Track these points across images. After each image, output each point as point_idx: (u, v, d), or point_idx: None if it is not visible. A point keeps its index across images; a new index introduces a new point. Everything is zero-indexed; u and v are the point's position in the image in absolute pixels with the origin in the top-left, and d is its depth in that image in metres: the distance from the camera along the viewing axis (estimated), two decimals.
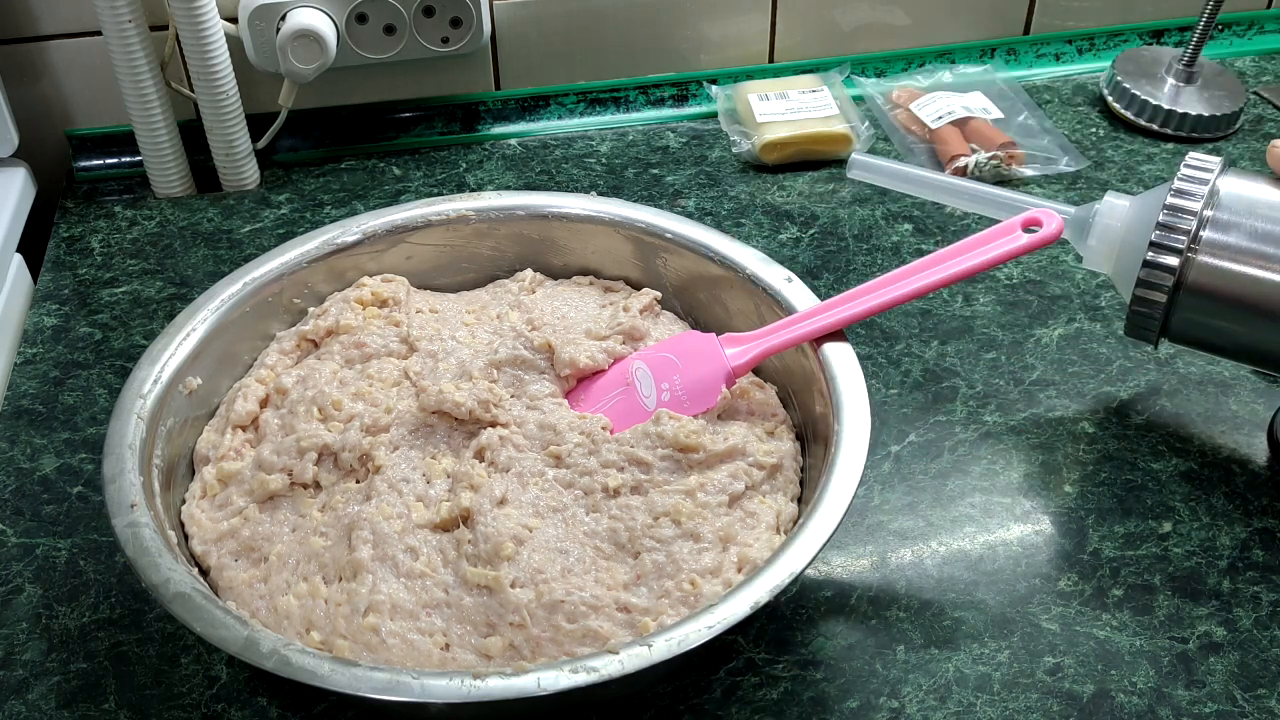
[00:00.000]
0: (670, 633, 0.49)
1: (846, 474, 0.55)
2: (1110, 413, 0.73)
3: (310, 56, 0.87)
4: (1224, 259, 0.63)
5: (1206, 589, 0.62)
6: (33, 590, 0.63)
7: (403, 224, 0.72)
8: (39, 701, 0.58)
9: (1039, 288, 0.82)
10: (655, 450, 0.60)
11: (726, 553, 0.57)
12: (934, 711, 0.57)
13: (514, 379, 0.65)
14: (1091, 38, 1.06)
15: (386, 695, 0.48)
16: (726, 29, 1.00)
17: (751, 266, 0.68)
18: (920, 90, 1.00)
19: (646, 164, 0.95)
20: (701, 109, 1.01)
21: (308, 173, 0.94)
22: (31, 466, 0.70)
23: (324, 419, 0.63)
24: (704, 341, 0.65)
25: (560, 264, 0.74)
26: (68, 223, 0.90)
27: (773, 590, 0.51)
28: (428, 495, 0.60)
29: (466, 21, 0.91)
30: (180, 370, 0.63)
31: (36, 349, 0.78)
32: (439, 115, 0.98)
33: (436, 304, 0.72)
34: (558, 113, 1.00)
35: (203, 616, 0.51)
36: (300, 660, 0.49)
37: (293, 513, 0.60)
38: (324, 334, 0.68)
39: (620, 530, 0.57)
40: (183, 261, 0.85)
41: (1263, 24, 1.09)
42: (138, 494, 0.56)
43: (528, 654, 0.54)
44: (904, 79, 1.03)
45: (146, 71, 0.84)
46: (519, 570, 0.55)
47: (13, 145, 0.87)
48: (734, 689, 0.58)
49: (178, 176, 0.91)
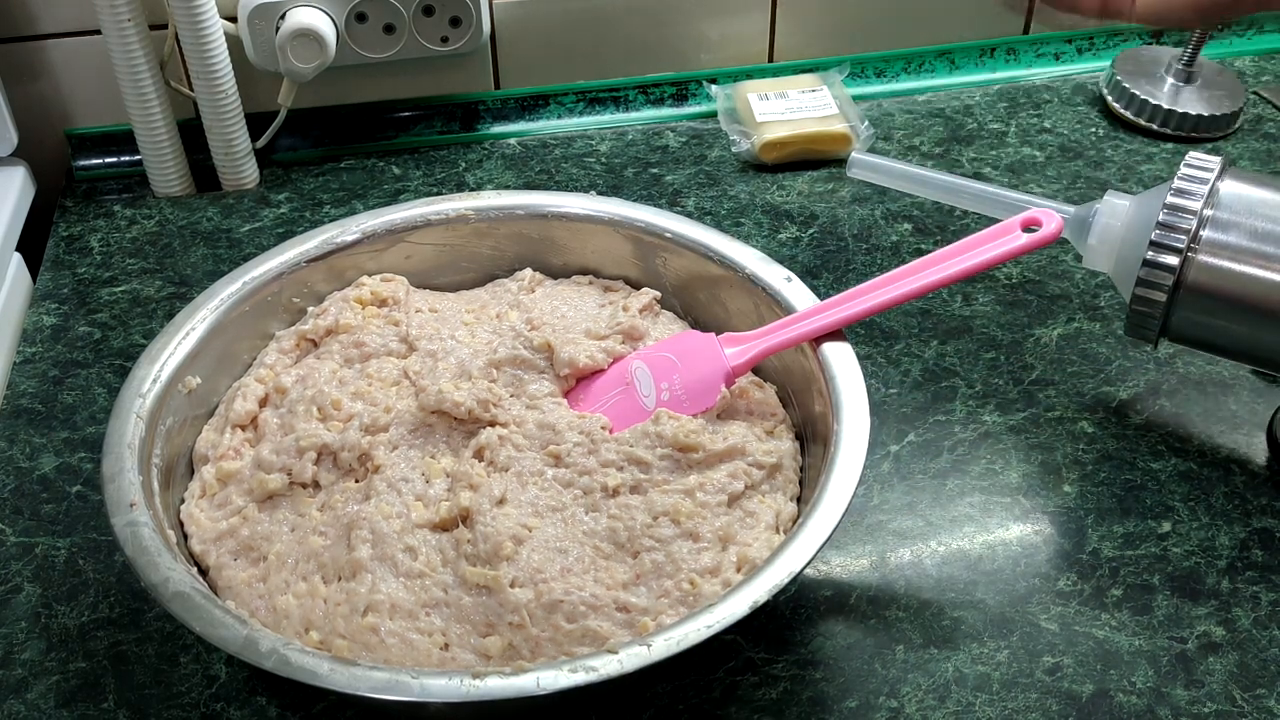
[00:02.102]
0: (669, 632, 0.49)
1: (846, 474, 0.55)
2: (1110, 412, 0.73)
3: (310, 56, 0.87)
4: (1224, 258, 0.63)
5: (1206, 589, 0.62)
6: (32, 589, 0.63)
7: (402, 223, 0.72)
8: (38, 701, 0.58)
9: (1039, 287, 0.82)
10: (654, 450, 0.60)
11: (726, 552, 0.57)
12: (933, 711, 0.57)
13: (513, 378, 0.65)
14: (1091, 37, 1.06)
15: (385, 695, 0.48)
16: (726, 28, 1.00)
17: (751, 266, 0.68)
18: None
19: (646, 163, 0.95)
20: (701, 108, 1.01)
21: (307, 172, 0.94)
22: (30, 466, 0.70)
23: (323, 418, 0.63)
24: (703, 341, 0.65)
25: (560, 263, 0.74)
26: (67, 222, 0.89)
27: (772, 590, 0.51)
28: (427, 495, 0.60)
29: (466, 21, 0.91)
30: (179, 369, 0.63)
31: (36, 348, 0.78)
32: (438, 115, 0.98)
33: (436, 303, 0.71)
34: (557, 112, 1.00)
35: (202, 616, 0.51)
36: (299, 660, 0.49)
37: (292, 512, 0.60)
38: (323, 333, 0.68)
39: (619, 530, 0.57)
40: (182, 261, 0.85)
41: (1262, 24, 1.09)
42: (137, 493, 0.56)
43: (527, 654, 0.54)
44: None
45: (146, 71, 0.84)
46: (518, 570, 0.55)
47: (12, 144, 0.87)
48: (733, 688, 0.58)
49: (177, 176, 0.90)
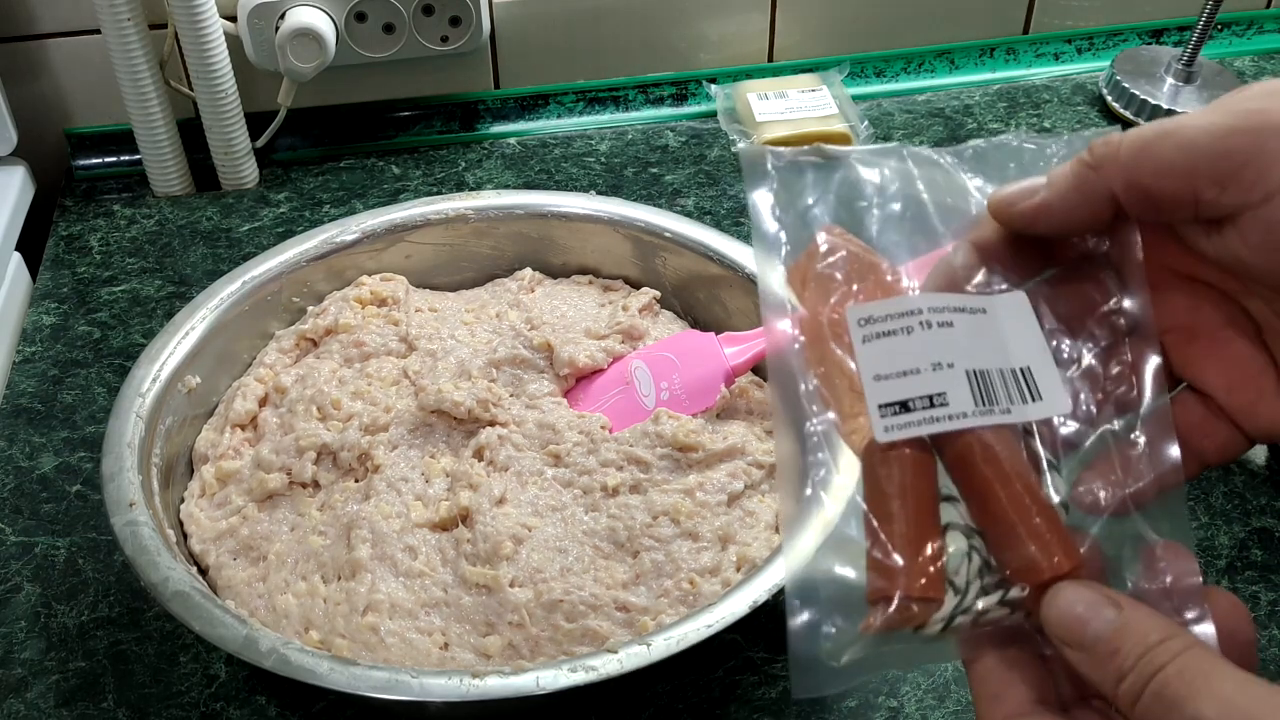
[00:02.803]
0: (669, 632, 0.49)
1: (846, 473, 0.55)
2: None
3: (309, 55, 0.87)
4: None
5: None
6: (31, 589, 0.63)
7: (402, 223, 0.72)
8: (38, 700, 0.58)
9: None
10: (654, 449, 0.60)
11: (725, 552, 0.57)
12: (933, 710, 0.57)
13: (513, 378, 0.65)
14: (1091, 37, 1.06)
15: (385, 694, 0.48)
16: (726, 28, 1.00)
17: (750, 265, 0.68)
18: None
19: (646, 163, 0.95)
20: (701, 108, 1.01)
21: (307, 171, 0.94)
22: (30, 465, 0.70)
23: (323, 418, 0.63)
24: (703, 340, 0.65)
25: (559, 263, 0.74)
26: (66, 221, 0.89)
27: (772, 589, 0.51)
28: (427, 494, 0.60)
29: (466, 20, 0.91)
30: (179, 369, 0.63)
31: (35, 347, 0.78)
32: (438, 114, 0.98)
33: (435, 303, 0.71)
34: (557, 112, 1.00)
35: (201, 615, 0.51)
36: (299, 659, 0.49)
37: (291, 512, 0.60)
38: (323, 333, 0.68)
39: (619, 529, 0.57)
40: (182, 260, 0.85)
41: (1262, 24, 1.09)
42: (136, 493, 0.56)
43: (526, 653, 0.54)
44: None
45: (145, 70, 0.84)
46: (518, 569, 0.55)
47: (11, 144, 0.87)
48: (733, 688, 0.58)
49: (176, 175, 0.90)
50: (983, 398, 0.35)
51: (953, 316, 0.36)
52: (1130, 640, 0.31)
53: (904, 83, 1.04)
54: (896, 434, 0.35)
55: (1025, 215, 0.37)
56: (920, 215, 0.39)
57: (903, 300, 0.36)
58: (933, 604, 0.34)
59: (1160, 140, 0.34)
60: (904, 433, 0.35)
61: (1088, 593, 0.33)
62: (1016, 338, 0.36)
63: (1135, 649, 0.31)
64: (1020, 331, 0.36)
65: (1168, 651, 0.31)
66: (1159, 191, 0.35)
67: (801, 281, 0.38)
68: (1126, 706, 0.31)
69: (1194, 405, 0.38)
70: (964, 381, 0.35)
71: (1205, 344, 0.38)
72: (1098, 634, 0.32)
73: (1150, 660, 0.31)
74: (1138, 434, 0.36)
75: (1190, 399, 0.38)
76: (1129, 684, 0.31)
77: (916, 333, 0.36)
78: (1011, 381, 0.35)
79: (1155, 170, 0.34)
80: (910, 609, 0.33)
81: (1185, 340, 0.38)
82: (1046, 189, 0.36)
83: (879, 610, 0.34)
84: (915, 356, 0.35)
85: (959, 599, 0.34)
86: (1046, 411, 0.36)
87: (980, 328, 0.36)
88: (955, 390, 0.35)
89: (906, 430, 0.35)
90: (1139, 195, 0.35)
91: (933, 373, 0.35)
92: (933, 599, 0.34)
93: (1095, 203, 0.36)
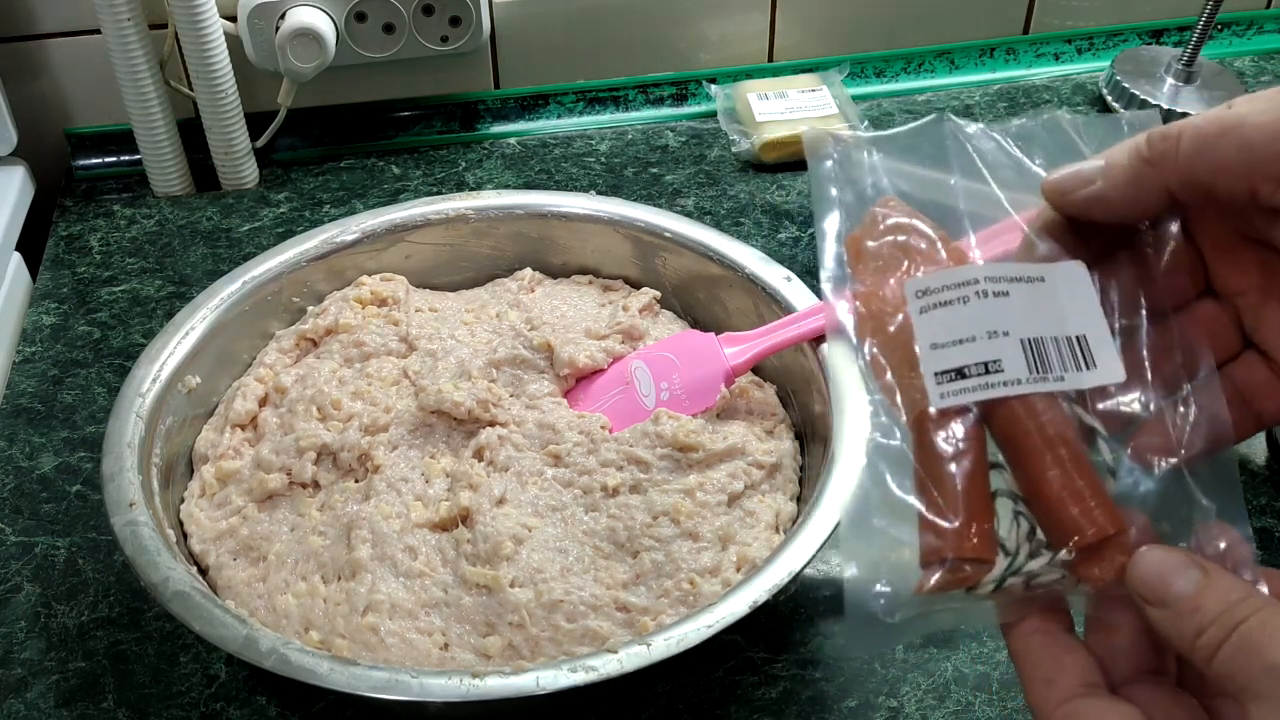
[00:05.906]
0: (669, 632, 0.49)
1: (845, 473, 0.55)
2: None
3: (309, 55, 0.87)
4: None
5: None
6: (31, 589, 0.63)
7: (402, 223, 0.72)
8: (38, 700, 0.58)
9: None
10: (654, 449, 0.60)
11: (725, 552, 0.57)
12: (932, 711, 0.57)
13: (513, 378, 0.65)
14: (1091, 37, 1.06)
15: (385, 694, 0.48)
16: (726, 28, 1.00)
17: (751, 266, 0.68)
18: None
19: (646, 163, 0.95)
20: (701, 108, 1.01)
21: (307, 171, 0.94)
22: (30, 465, 0.70)
23: (323, 418, 0.63)
24: (703, 340, 0.65)
25: (559, 263, 0.74)
26: (66, 221, 0.89)
27: (772, 590, 0.51)
28: (427, 495, 0.60)
29: (466, 20, 0.91)
30: (179, 369, 0.63)
31: (35, 347, 0.78)
32: (438, 114, 0.98)
33: (436, 303, 0.71)
34: (557, 112, 1.00)
35: (201, 615, 0.51)
36: (299, 659, 0.49)
37: (291, 512, 0.60)
38: (323, 333, 0.68)
39: (619, 529, 0.57)
40: (182, 260, 0.85)
41: (1262, 24, 1.09)
42: (136, 493, 0.56)
43: (526, 653, 0.54)
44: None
45: (145, 70, 0.84)
46: (518, 570, 0.55)
47: (11, 143, 0.87)
48: (733, 688, 0.58)
49: (177, 175, 0.90)
50: (1037, 365, 0.36)
51: (1009, 286, 0.37)
52: (1213, 598, 0.33)
53: (904, 83, 1.04)
54: (951, 400, 0.35)
55: (1080, 204, 0.38)
56: (980, 190, 0.40)
57: (960, 271, 0.37)
58: (985, 565, 0.35)
59: (1219, 139, 0.35)
60: (959, 399, 0.35)
61: (1175, 555, 0.34)
62: (1073, 306, 0.37)
63: (1217, 605, 0.33)
64: (1077, 300, 0.37)
65: (1249, 607, 0.32)
66: (1216, 188, 0.35)
67: (857, 253, 0.39)
68: (1204, 659, 0.33)
69: (1258, 366, 0.39)
70: (1018, 349, 0.36)
71: (1276, 306, 0.39)
72: (1181, 592, 0.34)
73: (1232, 613, 0.33)
74: (1190, 405, 0.37)
75: (1255, 360, 0.39)
76: (1209, 636, 0.33)
77: (973, 302, 0.36)
78: (1066, 349, 0.36)
79: (1213, 169, 0.35)
80: (963, 569, 0.34)
81: (1258, 302, 0.39)
82: (1103, 180, 0.37)
83: (933, 571, 0.35)
84: (971, 325, 0.36)
85: (1010, 560, 0.35)
86: (1100, 380, 0.36)
87: (1037, 296, 0.37)
88: (1010, 357, 0.35)
89: (961, 397, 0.35)
90: (1196, 191, 0.36)
91: (988, 340, 0.36)
92: (985, 560, 0.35)
93: (1151, 196, 0.37)
